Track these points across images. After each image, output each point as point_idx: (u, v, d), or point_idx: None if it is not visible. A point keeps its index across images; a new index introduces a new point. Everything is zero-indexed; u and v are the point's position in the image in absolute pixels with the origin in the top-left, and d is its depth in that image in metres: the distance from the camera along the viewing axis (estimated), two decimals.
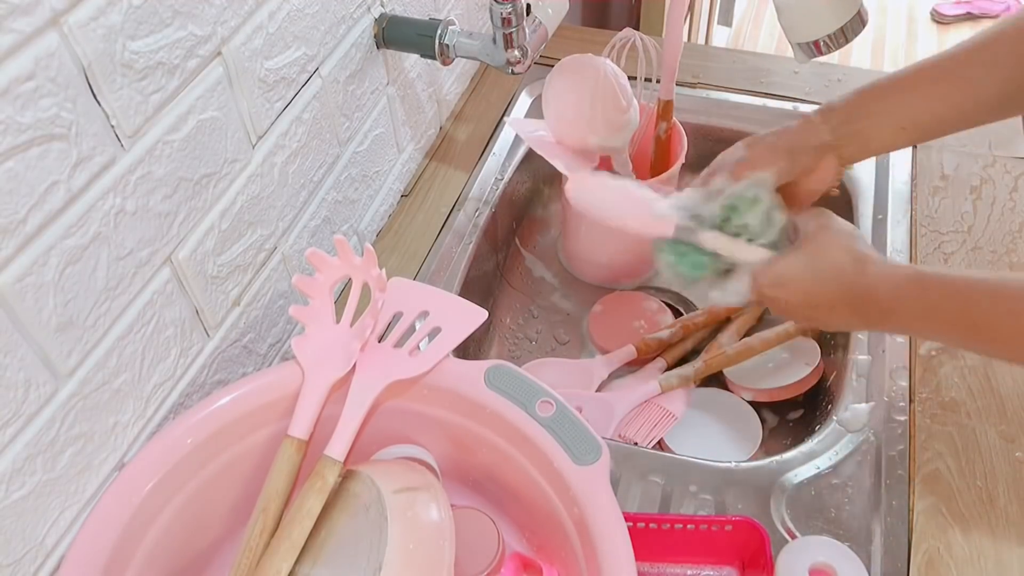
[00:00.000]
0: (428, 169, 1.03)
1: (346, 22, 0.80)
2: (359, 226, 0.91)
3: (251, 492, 0.62)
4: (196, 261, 0.65)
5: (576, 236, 1.01)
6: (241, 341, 0.73)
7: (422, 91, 0.99)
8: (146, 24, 0.55)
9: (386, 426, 0.66)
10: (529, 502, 0.63)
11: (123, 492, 0.58)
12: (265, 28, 0.67)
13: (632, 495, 0.71)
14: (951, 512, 0.69)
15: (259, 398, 0.63)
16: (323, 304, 0.65)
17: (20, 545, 0.54)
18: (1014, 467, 0.72)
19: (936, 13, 2.96)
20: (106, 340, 0.58)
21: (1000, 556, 0.66)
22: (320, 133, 0.79)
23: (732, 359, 0.90)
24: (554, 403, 0.60)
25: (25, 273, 0.50)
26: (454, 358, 0.64)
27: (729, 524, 0.65)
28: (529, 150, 1.04)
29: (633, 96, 0.85)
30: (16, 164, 0.48)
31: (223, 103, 0.64)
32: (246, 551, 0.58)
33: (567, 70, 0.83)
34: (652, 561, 0.68)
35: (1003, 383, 0.77)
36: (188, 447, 0.60)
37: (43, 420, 0.54)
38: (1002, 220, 0.92)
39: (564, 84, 0.83)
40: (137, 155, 0.57)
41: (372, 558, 0.53)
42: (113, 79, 0.53)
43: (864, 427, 0.74)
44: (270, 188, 0.73)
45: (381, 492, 0.56)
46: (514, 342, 1.00)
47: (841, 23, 0.72)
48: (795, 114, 1.07)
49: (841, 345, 0.86)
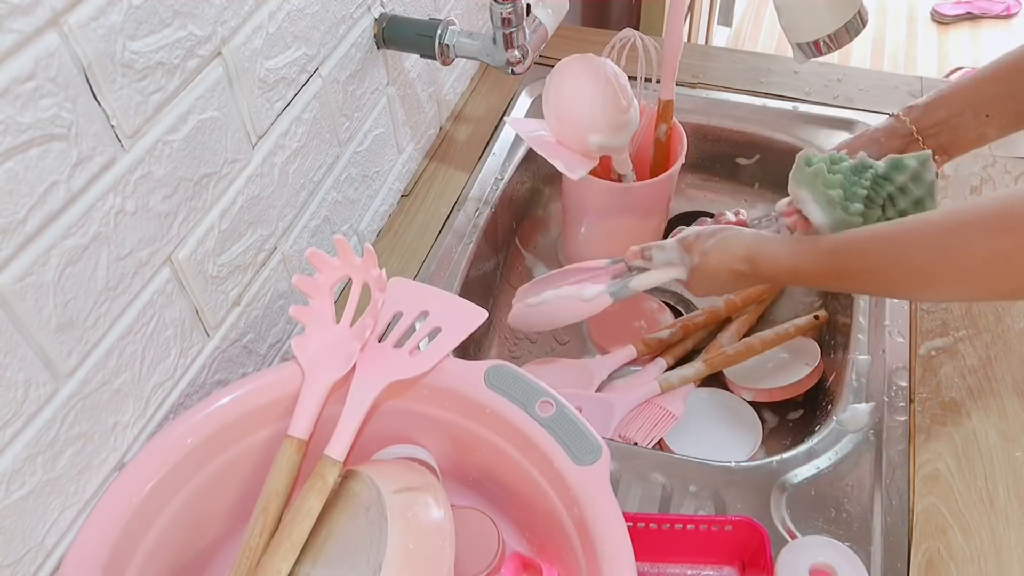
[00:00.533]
0: (428, 169, 1.03)
1: (346, 22, 0.80)
2: (359, 226, 0.91)
3: (251, 492, 0.62)
4: (196, 261, 0.65)
5: (576, 236, 1.01)
6: (241, 341, 0.73)
7: (422, 91, 0.99)
8: (146, 24, 0.55)
9: (386, 426, 0.66)
10: (529, 502, 0.63)
11: (123, 492, 0.58)
12: (265, 28, 0.67)
13: (632, 495, 0.71)
14: (951, 512, 0.69)
15: (259, 398, 0.63)
16: (323, 304, 0.65)
17: (20, 545, 0.54)
18: (1014, 467, 0.72)
19: (936, 13, 2.97)
20: (106, 340, 0.58)
21: (1000, 556, 0.66)
22: (320, 133, 0.79)
23: (732, 359, 0.90)
24: (554, 403, 0.60)
25: (25, 273, 0.50)
26: (454, 358, 0.64)
27: (729, 524, 0.65)
28: (529, 150, 1.04)
29: (633, 96, 0.85)
30: (16, 164, 0.48)
31: (223, 103, 0.64)
32: (246, 551, 0.58)
33: (567, 70, 0.83)
34: (652, 561, 0.68)
35: (1003, 383, 0.77)
36: (188, 447, 0.60)
37: (43, 420, 0.54)
38: None
39: (565, 84, 0.83)
40: (137, 155, 0.57)
41: (372, 558, 0.53)
42: (113, 79, 0.53)
43: (864, 427, 0.74)
44: (270, 188, 0.73)
45: (381, 492, 0.56)
46: (514, 342, 1.00)
47: (841, 23, 0.73)
48: (795, 114, 1.07)
49: (841, 345, 0.86)
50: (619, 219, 0.95)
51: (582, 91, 0.82)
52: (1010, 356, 0.80)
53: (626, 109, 0.83)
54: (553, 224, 1.11)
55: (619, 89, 0.83)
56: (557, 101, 0.84)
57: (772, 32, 2.89)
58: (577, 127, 0.83)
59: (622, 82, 0.83)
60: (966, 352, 0.80)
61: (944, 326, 0.82)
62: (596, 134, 0.83)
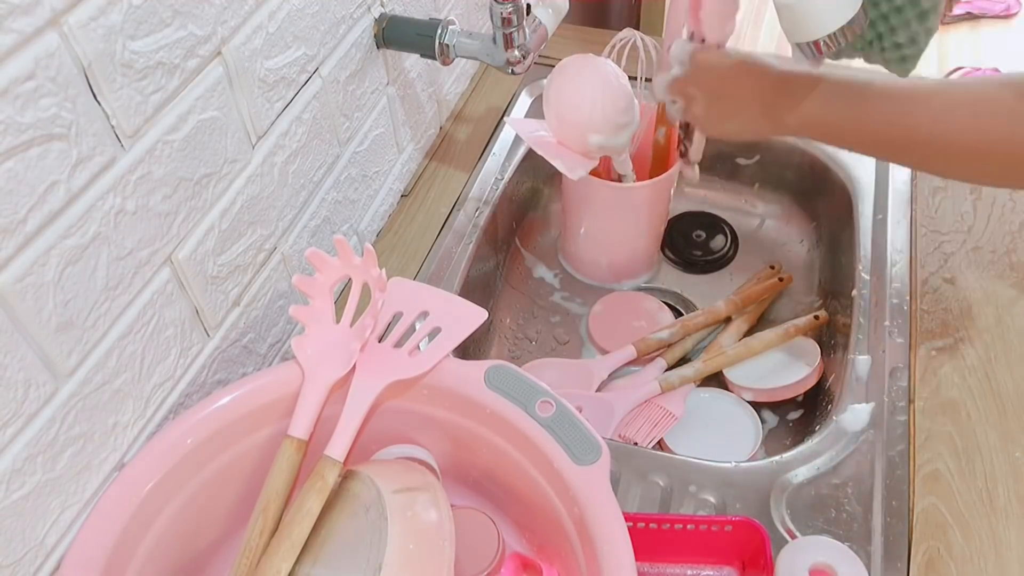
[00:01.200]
0: (428, 169, 1.03)
1: (346, 22, 0.80)
2: (359, 226, 0.91)
3: (251, 492, 0.62)
4: (196, 261, 0.65)
5: (576, 236, 1.01)
6: (241, 341, 0.73)
7: (422, 91, 0.99)
8: (146, 24, 0.55)
9: (386, 426, 0.66)
10: (529, 502, 0.63)
11: (123, 492, 0.58)
12: (265, 28, 0.67)
13: (632, 495, 0.71)
14: (951, 512, 0.69)
15: (259, 398, 0.63)
16: (323, 304, 0.65)
17: (20, 545, 0.54)
18: (1014, 467, 0.72)
19: None
20: (106, 340, 0.58)
21: (1000, 556, 0.66)
22: (320, 133, 0.79)
23: (732, 359, 0.90)
24: (554, 403, 0.60)
25: (25, 273, 0.50)
26: (454, 358, 0.64)
27: (729, 524, 0.65)
28: (529, 150, 1.04)
29: (634, 96, 0.85)
30: (16, 164, 0.48)
31: (223, 103, 0.64)
32: (246, 551, 0.58)
33: (569, 70, 0.83)
34: (652, 561, 0.68)
35: (1003, 383, 0.77)
36: (188, 447, 0.60)
37: (43, 420, 0.54)
38: (1002, 220, 0.92)
39: (566, 84, 0.83)
40: (137, 155, 0.57)
41: (372, 558, 0.53)
42: (113, 79, 0.53)
43: (864, 427, 0.74)
44: (270, 188, 0.73)
45: (381, 492, 0.56)
46: (514, 342, 1.00)
47: (841, 23, 0.72)
48: None
49: (841, 345, 0.86)
50: (619, 219, 0.95)
51: (583, 91, 0.82)
52: (1010, 356, 0.80)
53: (627, 109, 0.83)
54: (553, 224, 1.11)
55: (620, 89, 0.83)
56: (558, 101, 0.84)
57: (772, 32, 2.89)
58: (578, 127, 0.83)
59: (623, 82, 0.83)
60: (966, 352, 0.80)
61: (944, 326, 0.82)
62: (598, 134, 0.83)
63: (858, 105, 0.65)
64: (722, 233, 1.06)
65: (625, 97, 0.83)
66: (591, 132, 0.83)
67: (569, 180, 0.88)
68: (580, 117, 0.82)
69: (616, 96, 0.82)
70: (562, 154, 0.84)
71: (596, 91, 0.82)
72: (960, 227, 0.91)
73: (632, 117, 0.85)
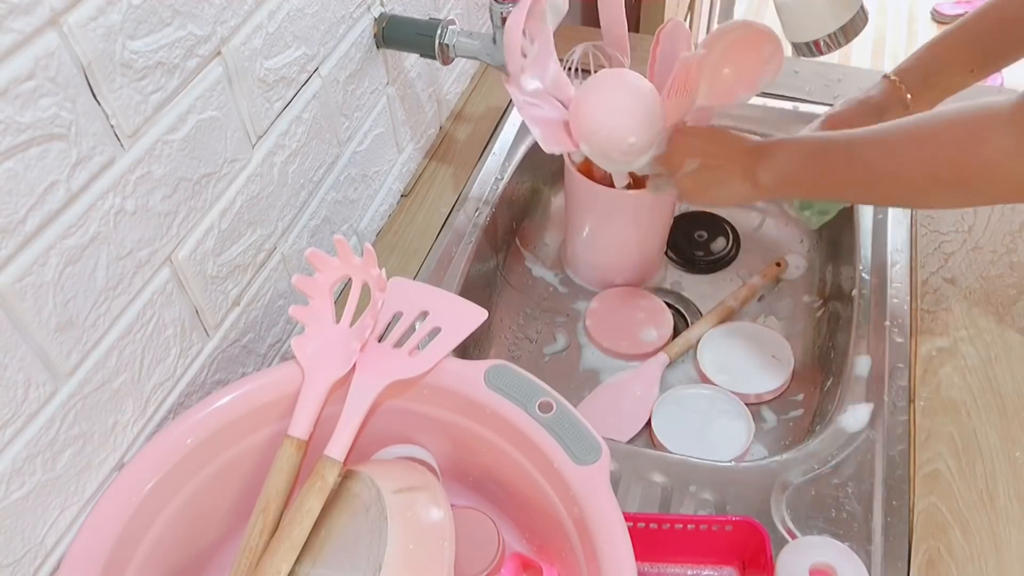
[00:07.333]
0: (428, 169, 1.03)
1: (346, 22, 0.80)
2: (359, 226, 0.91)
3: (251, 492, 0.62)
4: (196, 261, 0.65)
5: (576, 237, 1.01)
6: (241, 341, 0.73)
7: (422, 91, 0.99)
8: (146, 24, 0.55)
9: (386, 426, 0.66)
10: (529, 502, 0.63)
11: (123, 492, 0.58)
12: (265, 28, 0.67)
13: (632, 495, 0.71)
14: (951, 512, 0.69)
15: (259, 398, 0.63)
16: (323, 304, 0.65)
17: (20, 545, 0.54)
18: (1014, 467, 0.72)
19: (936, 13, 2.96)
20: (106, 340, 0.58)
21: (1000, 556, 0.66)
22: (320, 133, 0.79)
23: (718, 317, 0.95)
24: (554, 403, 0.60)
25: (25, 273, 0.50)
26: (454, 358, 0.64)
27: (729, 524, 0.65)
28: (529, 150, 1.04)
29: None
30: (16, 164, 0.48)
31: (223, 103, 0.64)
32: (246, 551, 0.58)
33: (615, 77, 0.81)
34: (652, 561, 0.68)
35: (1003, 383, 0.77)
36: (188, 447, 0.60)
37: (43, 420, 0.54)
38: (1002, 220, 0.92)
39: (615, 85, 0.80)
40: (137, 155, 0.57)
41: (372, 558, 0.53)
42: (113, 79, 0.53)
43: (864, 427, 0.74)
44: (270, 188, 0.73)
45: (381, 492, 0.56)
46: (514, 342, 1.00)
47: (841, 23, 0.73)
48: (795, 114, 1.07)
49: (841, 345, 0.86)
50: (622, 225, 0.94)
51: (633, 98, 0.79)
52: (1010, 356, 0.80)
53: (661, 119, 0.81)
54: (553, 224, 1.11)
55: (659, 108, 0.80)
56: (604, 98, 0.79)
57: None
58: (620, 125, 0.79)
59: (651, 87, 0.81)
60: (966, 352, 0.80)
61: (944, 326, 0.82)
62: (635, 136, 0.79)
63: (821, 155, 0.71)
64: (723, 234, 1.06)
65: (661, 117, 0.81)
66: (631, 133, 0.79)
67: (572, 185, 0.87)
68: (626, 118, 0.78)
69: (658, 114, 0.80)
70: (543, 125, 0.81)
71: (642, 102, 0.79)
72: (960, 227, 0.91)
73: (661, 136, 0.82)
